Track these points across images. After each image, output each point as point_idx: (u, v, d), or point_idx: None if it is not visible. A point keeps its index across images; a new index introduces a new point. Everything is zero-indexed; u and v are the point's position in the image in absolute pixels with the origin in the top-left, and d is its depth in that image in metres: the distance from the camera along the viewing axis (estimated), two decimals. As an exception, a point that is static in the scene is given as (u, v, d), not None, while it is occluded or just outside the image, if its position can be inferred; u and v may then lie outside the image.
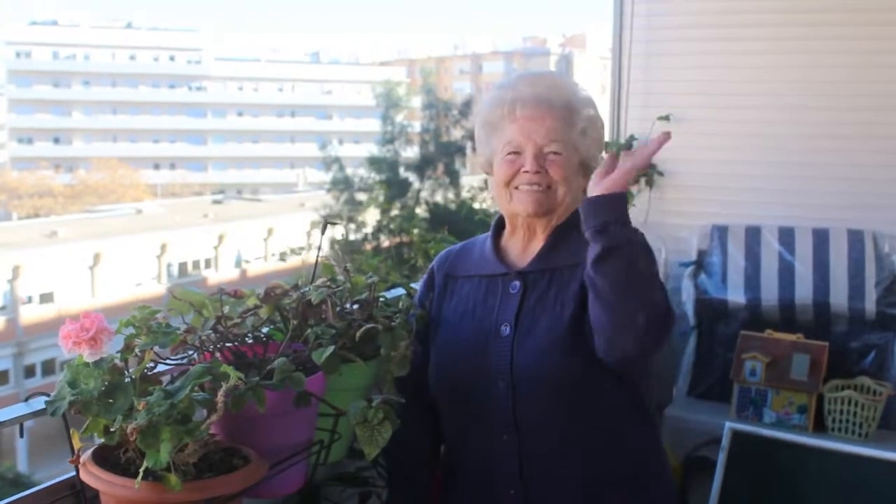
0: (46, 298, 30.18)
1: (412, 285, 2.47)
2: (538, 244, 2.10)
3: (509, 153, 2.04)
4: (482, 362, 2.04)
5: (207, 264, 36.99)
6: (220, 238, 37.06)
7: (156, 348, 1.72)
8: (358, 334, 1.89)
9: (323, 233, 2.11)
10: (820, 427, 3.42)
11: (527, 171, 2.01)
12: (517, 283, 2.07)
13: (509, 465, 2.04)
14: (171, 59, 60.23)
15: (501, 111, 2.05)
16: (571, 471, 2.00)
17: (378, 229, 25.44)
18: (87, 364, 1.60)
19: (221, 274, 35.39)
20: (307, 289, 1.96)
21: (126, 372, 1.66)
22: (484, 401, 2.04)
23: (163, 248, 34.59)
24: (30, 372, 28.52)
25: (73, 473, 1.66)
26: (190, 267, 36.27)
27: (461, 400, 2.10)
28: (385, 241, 24.02)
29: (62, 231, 33.48)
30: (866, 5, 3.69)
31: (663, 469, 2.18)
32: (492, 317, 2.07)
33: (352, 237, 24.70)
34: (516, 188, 2.05)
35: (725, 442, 2.89)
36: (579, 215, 1.97)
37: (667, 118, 3.91)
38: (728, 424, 2.94)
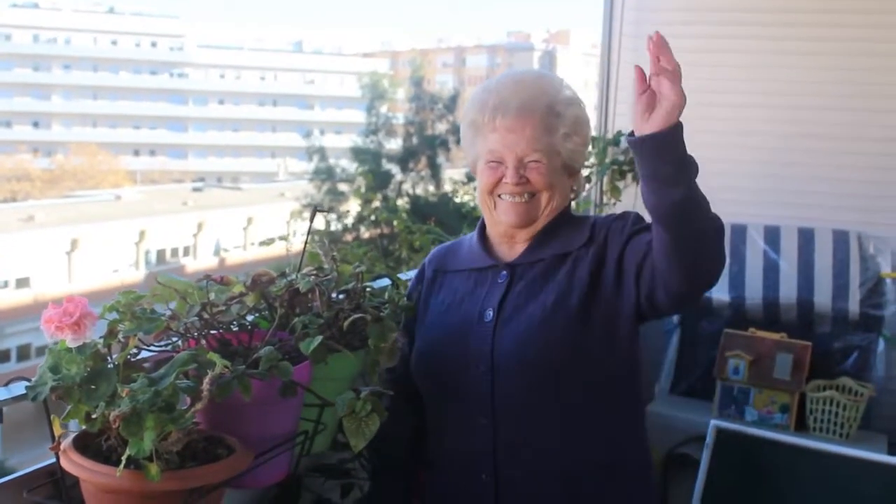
0: (22, 283, 29.99)
1: (398, 276, 2.46)
2: (524, 243, 2.11)
3: (491, 161, 2.05)
4: (464, 347, 2.05)
5: (186, 252, 36.87)
6: (200, 226, 36.94)
7: (139, 334, 1.69)
8: (345, 324, 1.87)
9: (312, 220, 2.09)
10: (801, 426, 3.43)
11: (508, 182, 2.02)
12: (505, 272, 2.09)
13: (484, 449, 2.03)
14: (153, 45, 59.89)
15: (483, 117, 2.05)
16: (546, 457, 2.00)
17: (359, 220, 25.40)
18: (69, 349, 1.57)
19: (200, 262, 35.27)
20: (294, 277, 1.94)
21: (109, 358, 1.63)
22: (464, 385, 2.04)
23: (141, 234, 34.45)
24: (4, 357, 28.30)
25: (53, 461, 1.63)
26: (168, 254, 36.14)
27: (442, 385, 2.10)
28: (366, 233, 23.98)
29: (39, 216, 33.28)
30: (856, 6, 3.69)
31: (644, 461, 2.16)
32: (477, 304, 2.08)
33: (332, 227, 24.66)
34: (499, 196, 2.06)
35: (710, 439, 2.88)
36: (567, 212, 2.09)
37: (654, 114, 3.90)
38: (713, 422, 2.93)
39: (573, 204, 2.20)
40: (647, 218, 1.92)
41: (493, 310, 2.05)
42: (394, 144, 30.41)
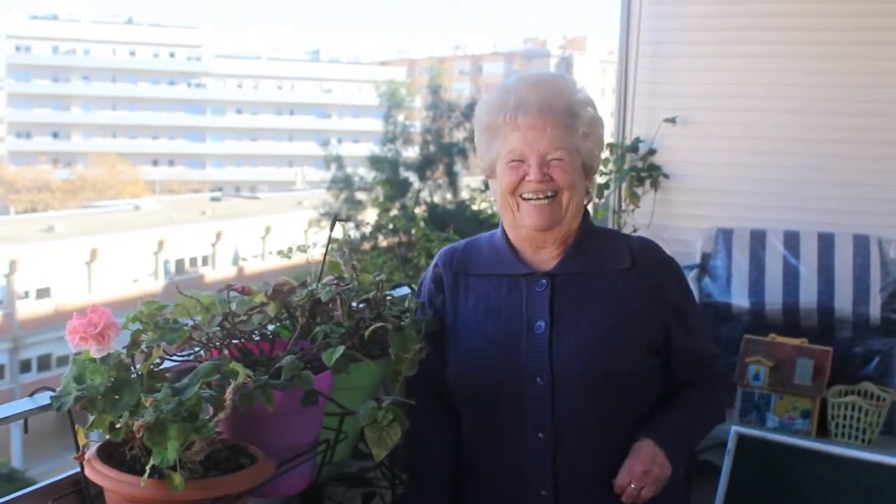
0: (43, 293, 30.16)
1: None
2: (550, 250, 2.10)
3: (512, 160, 2.03)
4: (514, 359, 2.03)
5: (205, 261, 36.99)
6: (218, 235, 37.05)
7: (162, 344, 1.70)
8: (367, 333, 1.88)
9: (332, 229, 2.10)
10: (823, 432, 3.40)
11: (531, 180, 2.01)
12: (544, 281, 2.07)
13: (543, 465, 2.02)
14: (171, 55, 60.19)
15: (503, 118, 2.04)
16: (605, 471, 2.00)
17: (377, 228, 25.43)
18: (93, 359, 1.59)
19: (218, 271, 35.37)
20: (315, 286, 1.95)
21: (133, 368, 1.64)
22: (516, 398, 2.03)
23: (160, 244, 34.58)
24: (26, 367, 28.47)
25: (77, 470, 1.64)
26: (187, 264, 36.27)
27: (488, 398, 2.08)
28: (383, 241, 24.01)
29: (59, 226, 33.47)
30: (876, 9, 3.67)
31: (678, 470, 2.19)
32: (520, 314, 2.06)
33: (350, 236, 24.70)
34: (522, 197, 2.04)
35: (731, 445, 2.88)
36: (590, 223, 2.13)
37: (673, 120, 3.90)
38: (734, 428, 2.93)
39: (590, 210, 2.20)
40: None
41: (544, 321, 2.04)
42: (411, 152, 30.45)
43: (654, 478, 1.97)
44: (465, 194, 28.31)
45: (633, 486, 1.96)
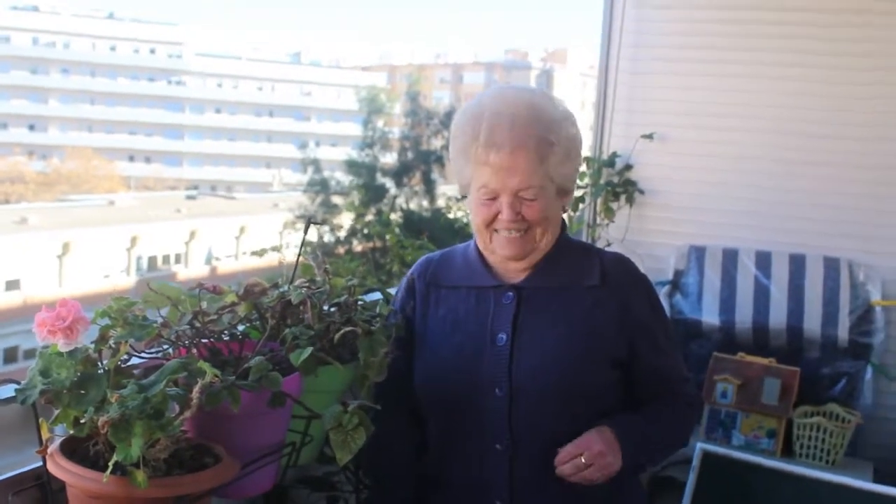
0: (12, 285, 29.91)
1: (389, 290, 2.45)
2: (522, 266, 2.09)
3: (485, 198, 2.01)
4: (476, 371, 2.03)
5: (178, 259, 36.81)
6: (192, 234, 36.89)
7: (131, 341, 1.69)
8: (336, 337, 1.87)
9: (306, 232, 2.10)
10: (788, 452, 3.43)
11: (503, 219, 2.00)
12: (511, 293, 2.07)
13: (500, 475, 2.02)
14: (152, 51, 59.93)
15: (475, 148, 1.98)
16: (562, 484, 1.97)
17: (352, 233, 25.40)
18: (60, 353, 1.57)
19: (191, 270, 35.20)
20: (286, 288, 1.94)
21: (100, 363, 1.63)
22: (477, 409, 2.03)
23: (133, 240, 34.38)
24: (-7, 358, 28.24)
25: (39, 464, 1.63)
26: (160, 261, 36.07)
27: (451, 408, 2.08)
28: (358, 246, 23.98)
29: (33, 218, 33.22)
30: (851, 35, 3.72)
31: (640, 484, 2.21)
32: (485, 326, 2.06)
33: (325, 240, 24.65)
34: (496, 231, 2.03)
35: (696, 462, 2.89)
36: (566, 236, 2.11)
37: (650, 136, 3.93)
38: (699, 445, 2.94)
39: (566, 217, 2.19)
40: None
41: (506, 334, 2.04)
42: (389, 158, 30.43)
43: (605, 463, 1.93)
44: (441, 202, 28.32)
45: (583, 459, 1.92)
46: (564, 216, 2.17)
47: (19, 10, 57.33)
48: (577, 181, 2.29)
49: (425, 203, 28.80)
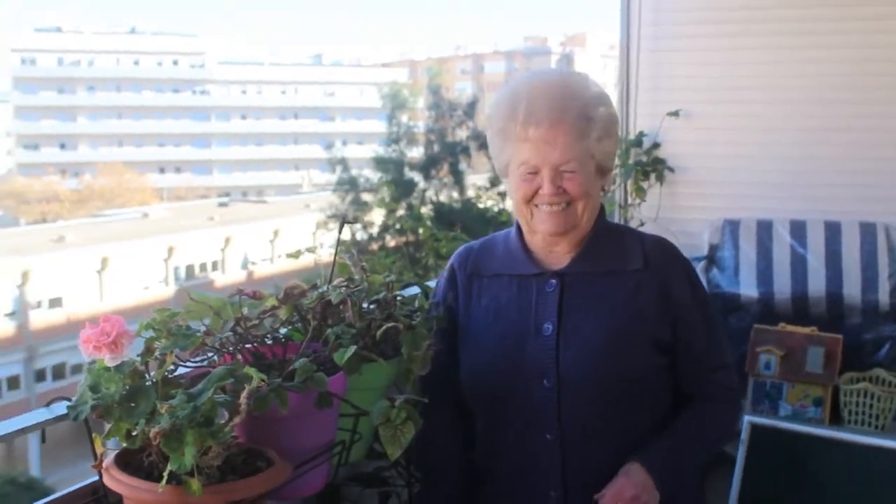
0: (55, 303, 30.24)
1: (427, 284, 2.46)
2: (564, 249, 2.09)
3: (526, 173, 2.01)
4: (521, 361, 2.03)
5: (214, 266, 37.05)
6: (227, 240, 37.11)
7: (176, 351, 1.71)
8: (378, 334, 1.89)
9: (340, 232, 2.11)
10: (836, 419, 3.41)
11: (545, 193, 1.99)
12: (554, 281, 2.06)
13: (552, 466, 2.02)
14: (175, 63, 60.30)
15: (514, 126, 2.00)
16: (613, 470, 1.98)
17: (384, 229, 25.47)
18: (107, 368, 1.59)
19: (228, 276, 35.42)
20: (325, 289, 1.96)
21: (147, 375, 1.65)
22: (524, 400, 2.03)
23: (169, 251, 34.64)
24: (41, 376, 28.58)
25: (96, 478, 1.65)
26: (197, 269, 36.32)
27: (498, 399, 2.08)
28: (391, 241, 24.04)
29: (69, 236, 33.56)
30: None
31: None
32: (529, 315, 2.06)
33: (358, 237, 24.74)
34: (536, 206, 2.03)
35: (744, 435, 2.88)
36: (605, 220, 2.12)
37: (676, 114, 3.91)
38: (747, 418, 2.93)
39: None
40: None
41: (551, 324, 2.03)
42: (415, 152, 30.46)
43: None
44: (471, 192, 28.31)
45: None
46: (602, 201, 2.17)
47: (43, 31, 57.92)
48: (610, 162, 2.28)
49: (455, 194, 28.82)
